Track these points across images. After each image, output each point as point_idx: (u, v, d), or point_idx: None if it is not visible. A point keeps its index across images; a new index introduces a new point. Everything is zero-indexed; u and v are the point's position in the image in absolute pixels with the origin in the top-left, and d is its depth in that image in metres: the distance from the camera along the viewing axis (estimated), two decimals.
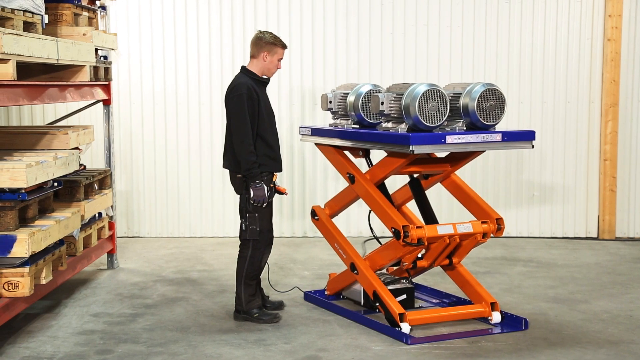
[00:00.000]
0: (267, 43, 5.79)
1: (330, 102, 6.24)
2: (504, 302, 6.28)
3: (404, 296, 5.94)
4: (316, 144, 6.35)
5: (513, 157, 9.03)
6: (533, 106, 8.95)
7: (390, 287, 5.87)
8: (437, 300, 6.29)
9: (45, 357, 5.09)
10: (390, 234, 5.65)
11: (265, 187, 5.66)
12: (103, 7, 7.36)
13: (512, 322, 5.68)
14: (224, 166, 5.91)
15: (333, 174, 8.95)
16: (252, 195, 5.65)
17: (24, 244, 5.02)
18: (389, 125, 5.56)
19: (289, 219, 9.07)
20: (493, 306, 5.75)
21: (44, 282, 5.49)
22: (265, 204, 5.70)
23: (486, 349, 5.22)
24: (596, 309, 6.17)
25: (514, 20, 8.93)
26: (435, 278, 6.99)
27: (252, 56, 5.86)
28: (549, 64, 8.95)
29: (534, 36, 8.94)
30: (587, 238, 9.03)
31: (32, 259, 5.23)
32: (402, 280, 6.09)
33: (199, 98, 9.01)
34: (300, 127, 6.45)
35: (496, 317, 5.73)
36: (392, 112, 5.46)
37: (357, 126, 6.06)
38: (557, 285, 6.91)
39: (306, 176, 9.06)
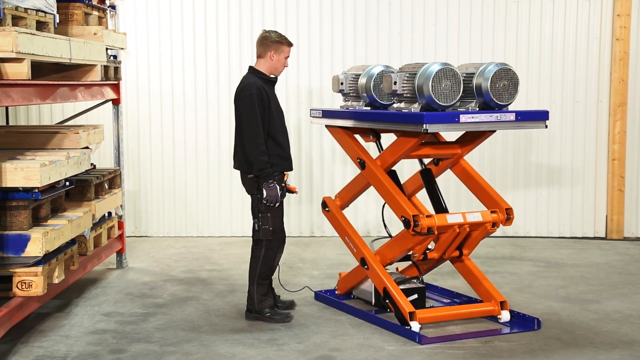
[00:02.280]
0: (273, 42, 5.79)
1: (342, 83, 6.20)
2: (515, 302, 6.28)
3: (416, 296, 5.93)
4: (327, 126, 6.28)
5: (521, 151, 9.01)
6: (541, 106, 8.93)
7: (401, 286, 5.85)
8: (448, 300, 6.28)
9: (58, 356, 5.09)
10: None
11: (278, 187, 5.65)
12: (113, 7, 7.36)
13: (525, 322, 5.67)
14: (235, 167, 5.89)
15: (340, 176, 8.94)
16: (264, 195, 5.64)
17: (37, 243, 5.02)
18: (402, 105, 5.52)
19: (296, 218, 9.06)
20: (502, 305, 5.75)
21: (56, 281, 5.48)
22: (278, 204, 5.70)
23: (500, 348, 5.21)
24: (608, 309, 6.16)
25: (522, 20, 8.92)
26: (445, 278, 6.99)
27: (259, 56, 5.85)
28: (557, 64, 8.95)
29: (542, 36, 8.93)
30: (595, 238, 9.02)
31: (45, 258, 5.23)
32: (413, 280, 6.08)
33: (206, 97, 9.00)
34: (311, 110, 6.40)
35: (505, 315, 5.72)
36: (405, 92, 5.43)
37: (369, 108, 6.04)
38: (568, 285, 6.90)
39: (314, 177, 9.05)
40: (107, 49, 6.83)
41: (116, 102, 7.48)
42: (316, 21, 8.92)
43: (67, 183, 5.82)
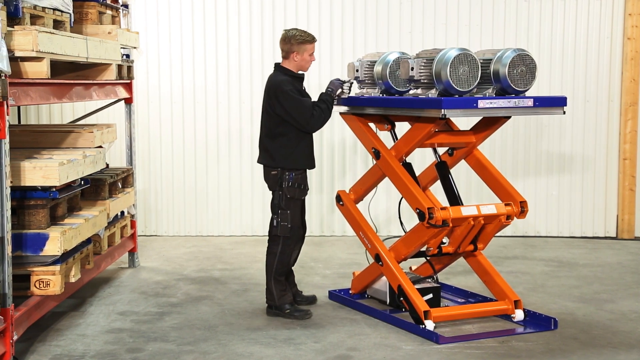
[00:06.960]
0: (294, 44, 5.78)
1: (357, 70, 6.17)
2: (529, 302, 6.27)
3: (431, 295, 5.92)
4: (341, 114, 6.23)
5: (532, 147, 8.99)
6: None
7: (416, 286, 5.82)
8: (463, 300, 6.27)
9: (76, 355, 5.08)
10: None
11: (336, 81, 5.80)
12: (125, 5, 7.36)
13: (541, 322, 5.66)
14: (259, 161, 5.94)
15: (352, 176, 8.93)
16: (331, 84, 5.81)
17: (56, 242, 5.02)
18: (418, 91, 5.51)
19: (306, 217, 9.02)
20: (516, 304, 5.74)
21: (73, 280, 5.48)
22: (343, 93, 5.83)
23: (517, 348, 5.21)
24: (623, 308, 6.15)
25: (533, 20, 8.91)
26: (457, 277, 6.98)
27: (284, 56, 5.86)
28: (568, 63, 8.93)
29: (553, 35, 8.92)
30: (606, 237, 9.00)
31: (63, 257, 5.22)
32: (427, 280, 6.07)
33: (216, 97, 9.00)
34: None
35: (519, 314, 5.72)
36: (422, 77, 5.41)
37: (385, 95, 6.02)
38: (581, 285, 6.89)
39: (324, 178, 9.04)
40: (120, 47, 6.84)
41: (129, 101, 7.48)
42: (327, 20, 8.90)
43: (83, 182, 5.82)
